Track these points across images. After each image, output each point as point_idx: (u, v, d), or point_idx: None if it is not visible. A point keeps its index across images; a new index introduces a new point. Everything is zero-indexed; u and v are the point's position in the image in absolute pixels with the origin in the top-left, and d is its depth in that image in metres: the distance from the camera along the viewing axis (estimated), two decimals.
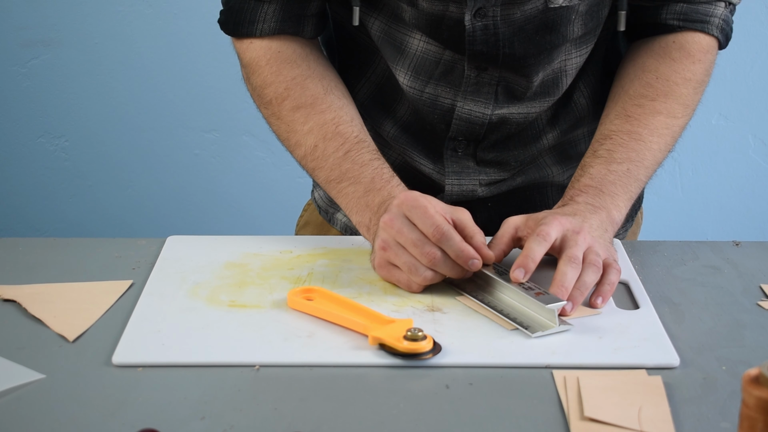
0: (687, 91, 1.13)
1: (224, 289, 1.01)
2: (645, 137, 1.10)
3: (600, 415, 0.80)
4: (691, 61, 1.13)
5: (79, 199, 2.48)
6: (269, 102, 1.14)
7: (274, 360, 0.89)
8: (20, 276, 1.05)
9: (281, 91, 1.13)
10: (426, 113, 1.16)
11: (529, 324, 0.93)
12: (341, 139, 1.10)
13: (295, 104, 1.12)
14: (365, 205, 1.06)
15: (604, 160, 1.08)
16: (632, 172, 1.08)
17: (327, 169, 1.10)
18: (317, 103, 1.12)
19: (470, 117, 1.14)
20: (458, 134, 1.16)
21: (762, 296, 1.03)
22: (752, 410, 0.68)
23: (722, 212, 2.51)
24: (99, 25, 2.32)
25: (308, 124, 1.11)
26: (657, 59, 1.14)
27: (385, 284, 1.03)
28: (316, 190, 1.33)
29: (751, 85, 2.38)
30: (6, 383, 0.85)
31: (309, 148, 1.11)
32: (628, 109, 1.12)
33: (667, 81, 1.12)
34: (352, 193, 1.08)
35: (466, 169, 1.19)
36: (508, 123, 1.15)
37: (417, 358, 0.88)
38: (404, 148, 1.21)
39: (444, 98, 1.14)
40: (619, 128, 1.11)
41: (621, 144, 1.09)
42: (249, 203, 2.47)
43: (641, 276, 1.06)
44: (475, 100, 1.13)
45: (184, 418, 0.81)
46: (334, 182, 1.09)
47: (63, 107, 2.40)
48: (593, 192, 1.06)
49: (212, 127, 2.42)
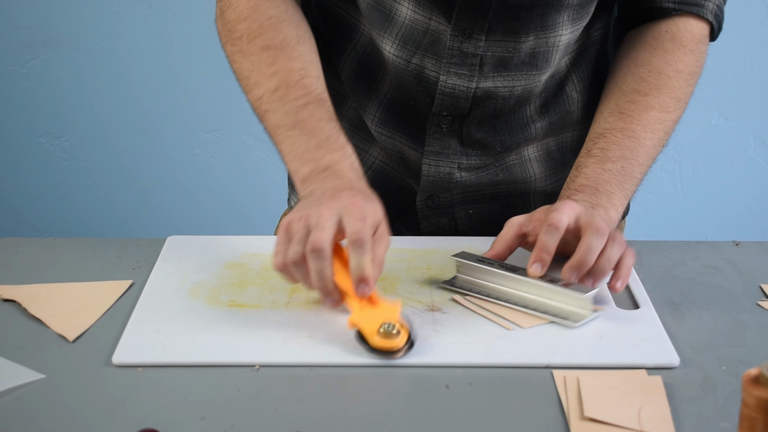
0: (679, 84, 1.13)
1: (224, 289, 1.01)
2: (638, 134, 1.10)
3: (600, 415, 0.80)
4: (683, 52, 1.13)
5: (79, 199, 2.48)
6: (239, 38, 1.12)
7: (274, 360, 0.89)
8: (20, 276, 1.05)
9: (255, 27, 1.11)
10: (411, 86, 1.15)
11: (565, 316, 0.95)
12: (304, 90, 1.08)
13: (266, 44, 1.10)
14: (312, 158, 1.03)
15: (598, 159, 1.09)
16: (627, 170, 1.08)
17: (281, 113, 1.07)
18: (288, 48, 1.10)
19: (453, 91, 1.13)
20: (443, 108, 1.14)
21: (762, 296, 1.03)
22: (752, 410, 0.68)
23: (722, 212, 2.51)
24: (99, 25, 2.32)
25: (274, 66, 1.09)
26: (650, 51, 1.14)
27: (386, 284, 1.02)
28: (293, 198, 1.31)
29: (751, 85, 2.38)
30: (6, 383, 0.85)
31: (269, 90, 1.09)
32: (621, 106, 1.12)
33: (659, 74, 1.12)
34: (302, 143, 1.05)
35: (446, 150, 1.17)
36: (493, 97, 1.14)
37: (388, 356, 0.88)
38: (390, 133, 1.19)
39: (430, 70, 1.13)
40: (613, 126, 1.11)
41: (615, 142, 1.09)
42: (249, 203, 2.48)
43: (641, 276, 1.06)
44: (458, 74, 1.12)
45: (184, 418, 0.81)
46: (285, 128, 1.07)
47: (63, 107, 2.40)
48: (590, 191, 1.06)
49: (212, 127, 2.42)
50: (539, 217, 1.01)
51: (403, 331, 0.89)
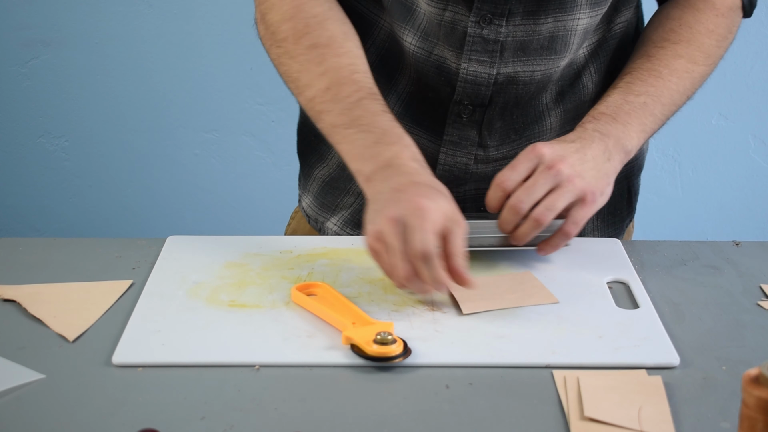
0: (710, 42, 1.13)
1: (224, 289, 1.01)
2: (665, 75, 1.10)
3: (600, 415, 0.80)
4: (714, 14, 1.14)
5: (79, 199, 2.48)
6: (284, 39, 1.10)
7: (274, 360, 0.89)
8: (20, 276, 1.05)
9: (301, 27, 1.10)
10: (431, 77, 1.14)
11: None
12: (355, 86, 1.06)
13: (313, 42, 1.09)
14: (372, 155, 1.02)
15: (621, 90, 1.09)
16: (648, 105, 1.09)
17: (336, 113, 1.06)
18: (335, 45, 1.09)
19: (475, 78, 1.12)
20: (464, 97, 1.14)
21: (762, 296, 1.03)
22: (752, 410, 0.68)
23: (722, 212, 2.51)
24: (99, 25, 2.32)
25: (324, 65, 1.08)
26: (681, 9, 1.15)
27: (386, 284, 1.03)
28: (304, 199, 1.30)
29: (751, 85, 2.38)
30: (6, 383, 0.85)
31: (320, 89, 1.07)
32: (650, 51, 1.13)
33: (690, 29, 1.13)
34: (360, 141, 1.03)
35: (464, 140, 1.17)
36: (514, 83, 1.13)
37: (386, 362, 0.88)
38: (408, 127, 1.18)
39: (450, 61, 1.12)
40: (640, 66, 1.12)
41: (641, 78, 1.10)
42: (249, 203, 2.47)
43: (641, 276, 1.06)
44: (480, 60, 1.11)
45: (184, 418, 0.81)
46: (341, 127, 1.05)
47: (63, 107, 2.40)
48: (606, 119, 1.06)
49: (212, 127, 2.42)
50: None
51: (399, 341, 0.89)
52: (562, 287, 1.02)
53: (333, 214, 1.25)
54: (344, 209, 1.24)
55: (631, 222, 1.32)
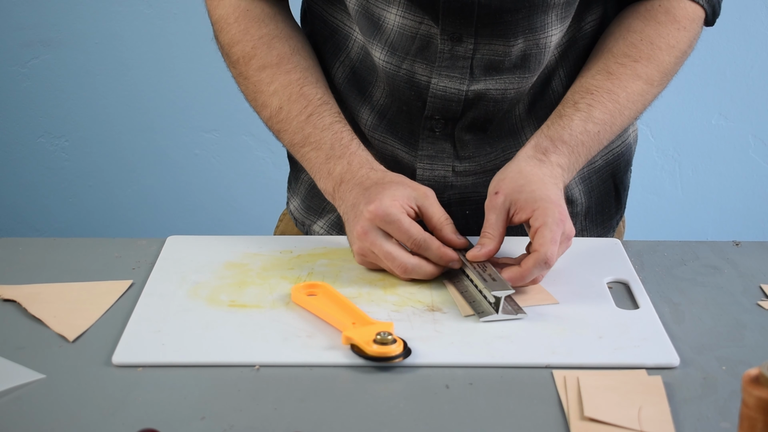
0: (669, 59, 1.13)
1: (224, 289, 1.01)
2: (621, 101, 1.11)
3: (600, 415, 0.80)
4: (676, 27, 1.13)
5: (79, 199, 2.48)
6: (236, 61, 1.15)
7: (274, 360, 0.89)
8: (20, 276, 1.05)
9: (248, 50, 1.13)
10: (402, 92, 1.15)
11: (483, 309, 0.96)
12: (305, 101, 1.11)
13: (262, 64, 1.13)
14: (327, 173, 1.08)
15: (583, 117, 1.09)
16: (602, 136, 1.10)
17: (291, 132, 1.11)
18: (283, 63, 1.12)
19: (445, 94, 1.13)
20: (435, 112, 1.14)
21: (762, 296, 1.03)
22: (752, 410, 0.68)
23: (722, 212, 2.51)
24: (99, 25, 2.32)
25: (273, 84, 1.12)
26: (642, 21, 1.14)
27: (386, 284, 1.03)
28: (292, 202, 1.31)
29: (751, 85, 2.38)
30: (6, 383, 0.85)
31: (274, 109, 1.12)
32: (610, 66, 1.12)
33: (651, 44, 1.12)
34: (314, 159, 1.09)
35: (440, 153, 1.17)
36: (484, 99, 1.13)
37: (386, 362, 0.88)
38: (383, 137, 1.19)
39: (420, 75, 1.13)
40: (601, 85, 1.11)
41: (601, 103, 1.10)
42: (249, 203, 2.48)
43: (641, 276, 1.06)
44: (450, 76, 1.12)
45: (184, 418, 0.81)
46: (298, 146, 1.11)
47: (63, 107, 2.40)
48: (565, 150, 1.07)
49: (212, 127, 2.42)
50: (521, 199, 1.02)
51: (399, 341, 0.89)
52: (562, 287, 1.02)
53: (320, 217, 1.25)
54: (330, 212, 1.24)
55: (621, 220, 1.31)
